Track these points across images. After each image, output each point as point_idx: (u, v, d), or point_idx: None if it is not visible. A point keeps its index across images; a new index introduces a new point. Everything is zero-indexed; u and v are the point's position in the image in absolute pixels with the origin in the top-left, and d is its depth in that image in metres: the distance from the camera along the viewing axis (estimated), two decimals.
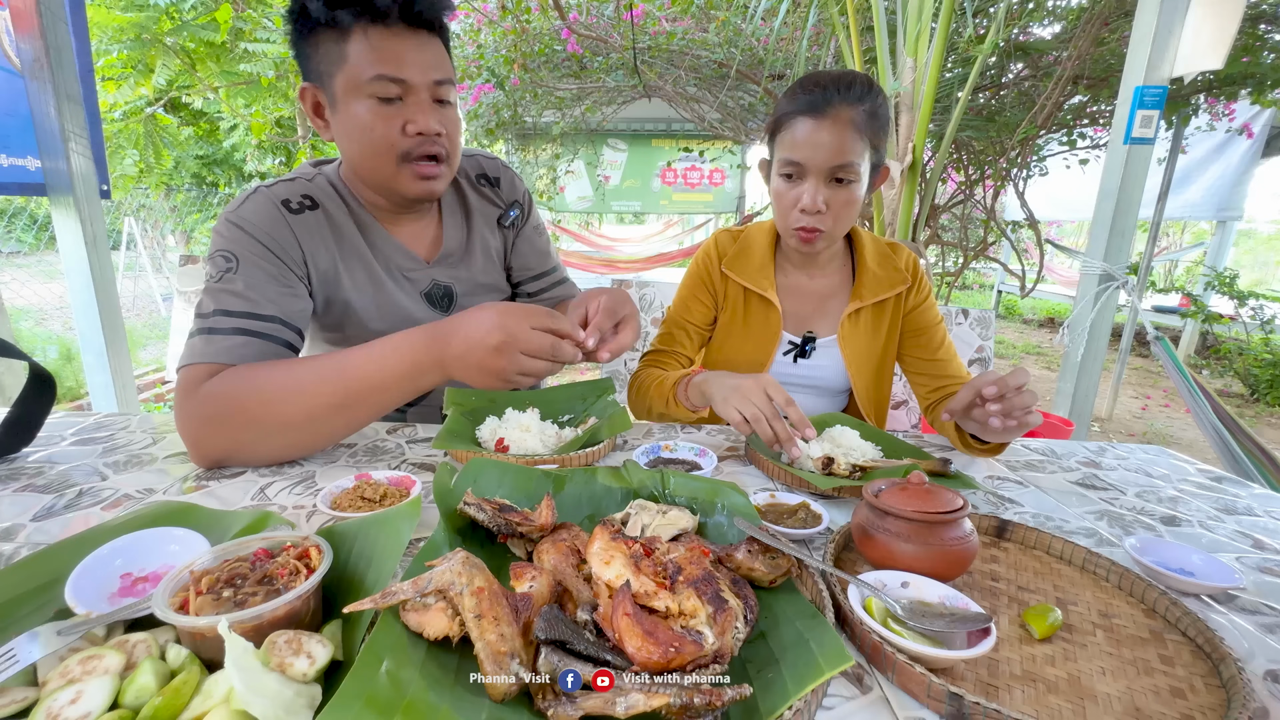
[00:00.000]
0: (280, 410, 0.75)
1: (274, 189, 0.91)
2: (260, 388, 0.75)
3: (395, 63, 0.81)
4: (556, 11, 3.25)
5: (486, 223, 1.09)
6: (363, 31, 0.80)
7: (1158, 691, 0.47)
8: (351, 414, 0.79)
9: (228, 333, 0.79)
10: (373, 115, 0.83)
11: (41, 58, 1.54)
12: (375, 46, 0.80)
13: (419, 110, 0.84)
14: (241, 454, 0.78)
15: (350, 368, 0.76)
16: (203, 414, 0.76)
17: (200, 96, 5.02)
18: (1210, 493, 0.88)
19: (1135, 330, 4.46)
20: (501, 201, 1.11)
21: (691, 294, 1.19)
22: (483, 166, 1.11)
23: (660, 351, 1.18)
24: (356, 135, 0.85)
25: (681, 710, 0.37)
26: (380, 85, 0.81)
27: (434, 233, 1.04)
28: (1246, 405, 4.47)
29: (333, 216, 0.94)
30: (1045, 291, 7.17)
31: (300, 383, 0.76)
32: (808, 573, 0.55)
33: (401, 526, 0.51)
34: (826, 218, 0.98)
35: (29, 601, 0.46)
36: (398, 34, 0.81)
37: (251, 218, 0.86)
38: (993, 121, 3.27)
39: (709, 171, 7.21)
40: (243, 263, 0.83)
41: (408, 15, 0.80)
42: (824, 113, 0.93)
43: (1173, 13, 1.79)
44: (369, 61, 0.80)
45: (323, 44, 0.82)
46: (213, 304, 0.81)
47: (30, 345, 4.20)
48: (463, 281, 1.06)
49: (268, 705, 0.35)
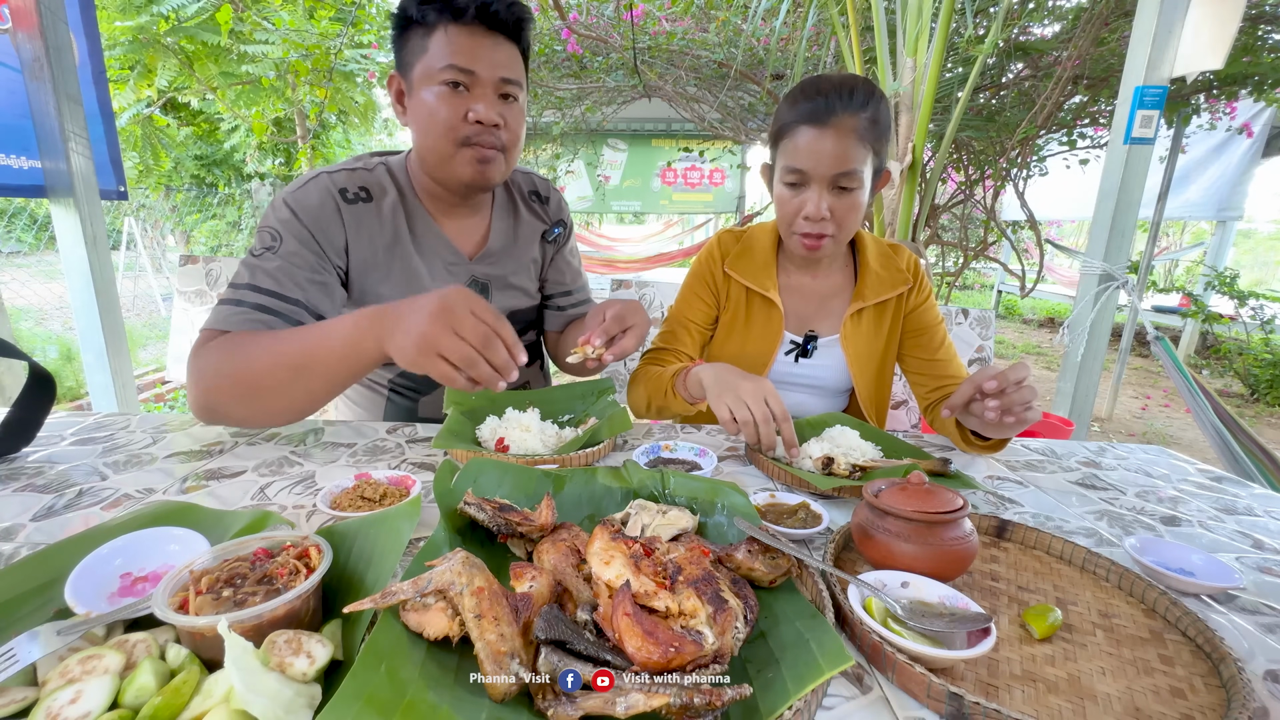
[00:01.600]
0: (251, 370, 0.79)
1: (335, 176, 0.97)
2: (242, 348, 0.80)
3: (466, 55, 0.88)
4: (556, 11, 3.25)
5: (532, 234, 1.14)
6: (444, 28, 0.88)
7: (1158, 691, 0.47)
8: (309, 377, 0.79)
9: (250, 307, 0.85)
10: (439, 100, 0.89)
11: (41, 58, 1.54)
12: (452, 40, 0.88)
13: (483, 100, 0.90)
14: (226, 412, 0.82)
15: (308, 332, 0.80)
16: (203, 371, 0.81)
17: (197, 97, 5.02)
18: (1210, 493, 0.88)
19: (1135, 330, 4.47)
20: (548, 219, 1.17)
21: (693, 293, 1.19)
22: (535, 184, 1.17)
23: (661, 350, 1.18)
24: (424, 117, 0.91)
25: (681, 710, 0.37)
26: (450, 73, 0.88)
27: (482, 231, 1.09)
28: (1246, 405, 4.46)
29: (383, 211, 0.99)
30: (1045, 291, 7.17)
31: (267, 345, 0.79)
32: (808, 573, 0.55)
33: (401, 526, 0.52)
34: (830, 224, 0.99)
35: (29, 601, 0.46)
36: (474, 33, 0.88)
37: (305, 202, 0.92)
38: (993, 121, 3.27)
39: (709, 171, 7.22)
40: (285, 244, 0.89)
41: (484, 16, 0.88)
42: (826, 122, 0.93)
43: (1173, 13, 1.79)
44: (444, 53, 0.88)
45: (413, 38, 0.90)
46: (248, 276, 0.87)
47: (30, 345, 4.20)
48: (498, 279, 1.09)
49: (268, 705, 0.35)
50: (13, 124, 1.59)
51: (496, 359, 0.70)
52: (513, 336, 0.72)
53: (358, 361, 0.77)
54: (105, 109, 1.80)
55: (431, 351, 0.68)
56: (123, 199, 1.86)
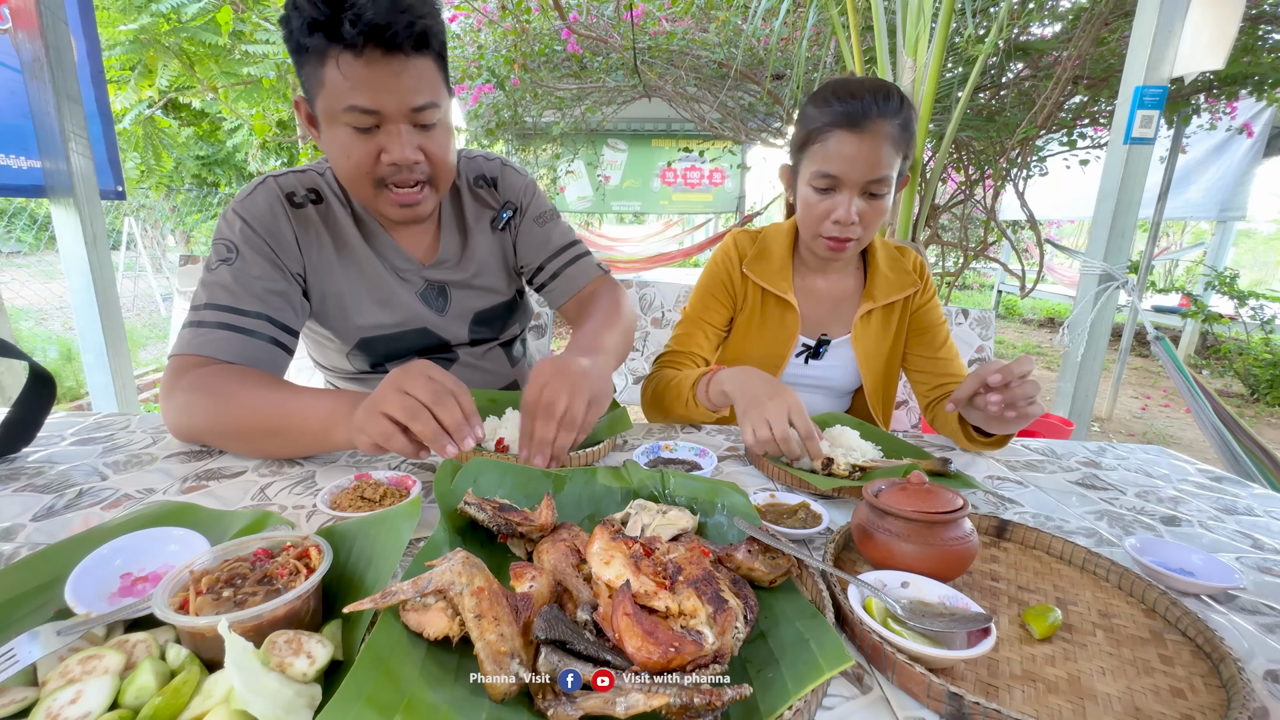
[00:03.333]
0: (230, 419, 0.79)
1: (281, 180, 0.93)
2: (226, 392, 0.79)
3: (368, 92, 0.77)
4: (556, 11, 3.25)
5: (483, 227, 1.08)
6: (335, 59, 0.76)
7: (1158, 691, 0.47)
8: (281, 442, 0.80)
9: (213, 327, 0.83)
10: (350, 141, 0.82)
11: (41, 58, 1.54)
12: (348, 75, 0.76)
13: (394, 140, 0.82)
14: (205, 441, 0.85)
15: (287, 403, 0.78)
16: (178, 404, 0.81)
17: (199, 97, 5.02)
18: (1210, 493, 0.88)
19: (1135, 330, 4.46)
20: (496, 203, 1.09)
21: (710, 294, 1.18)
22: (481, 168, 1.09)
23: (676, 352, 1.16)
24: (336, 156, 0.84)
25: (681, 710, 0.37)
26: (353, 116, 0.79)
27: (432, 235, 1.05)
28: (1246, 405, 4.46)
29: (334, 212, 0.96)
30: (1045, 291, 7.16)
31: (250, 400, 0.79)
32: (808, 573, 0.55)
33: (401, 526, 0.51)
34: (857, 228, 0.99)
35: (29, 601, 0.46)
36: (372, 61, 0.76)
37: (254, 210, 0.89)
38: (993, 121, 3.27)
39: (709, 171, 7.21)
40: (240, 256, 0.87)
41: (381, 39, 0.75)
42: (862, 127, 0.93)
43: (1173, 13, 1.79)
44: (342, 90, 0.77)
45: (306, 64, 0.79)
46: (205, 296, 0.85)
47: (30, 345, 4.20)
48: (457, 283, 1.07)
49: (268, 705, 0.35)
50: (13, 124, 1.60)
51: (446, 417, 0.64)
52: (471, 406, 0.66)
53: (328, 443, 0.76)
54: (103, 109, 1.80)
55: (375, 411, 0.65)
56: (121, 199, 1.86)
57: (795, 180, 1.06)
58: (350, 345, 1.02)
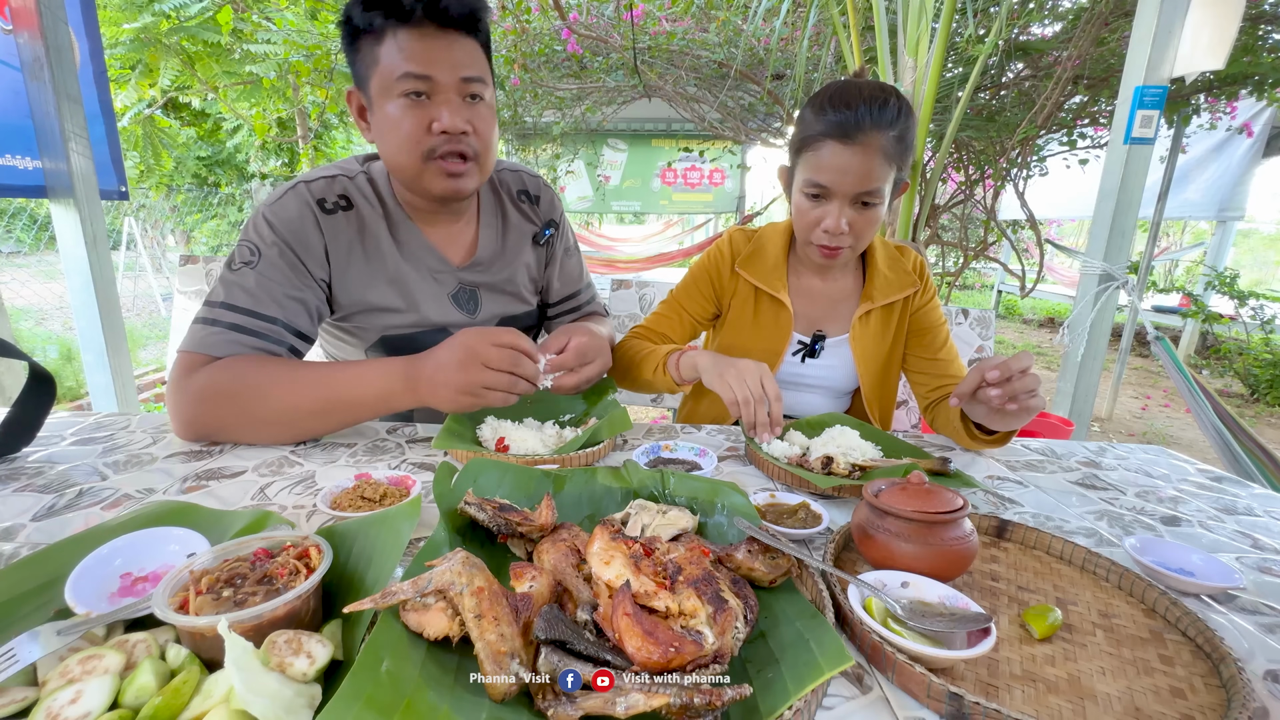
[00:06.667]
0: (267, 405, 0.82)
1: (312, 185, 0.94)
2: (254, 382, 0.82)
3: (421, 60, 0.83)
4: (556, 11, 3.25)
5: (523, 238, 1.11)
6: (393, 34, 0.83)
7: (1158, 691, 0.47)
8: (326, 420, 0.85)
9: (225, 327, 0.84)
10: (401, 112, 0.85)
11: (42, 58, 1.54)
12: (403, 47, 0.82)
13: (445, 107, 0.85)
14: (225, 435, 0.85)
15: (334, 381, 0.82)
16: (199, 394, 0.81)
17: (199, 96, 5.03)
18: (1210, 493, 0.88)
19: (1135, 330, 4.46)
20: (539, 220, 1.13)
21: (696, 286, 1.20)
22: (525, 183, 1.13)
23: (649, 330, 1.19)
24: (387, 133, 0.87)
25: (681, 710, 0.37)
26: (407, 82, 0.83)
27: (470, 238, 1.06)
28: (1246, 405, 4.46)
29: (365, 217, 0.96)
30: (1045, 291, 7.16)
31: (288, 385, 0.82)
32: (808, 573, 0.55)
33: (401, 526, 0.52)
34: (848, 237, 0.99)
35: (29, 601, 0.46)
36: (426, 34, 0.83)
37: (284, 214, 0.90)
38: (993, 121, 3.27)
39: (709, 171, 7.21)
40: (263, 260, 0.88)
41: (434, 14, 0.82)
42: (854, 138, 0.91)
43: (1173, 13, 1.79)
44: (397, 61, 0.83)
45: (363, 49, 0.85)
46: (223, 294, 0.86)
47: (30, 345, 4.20)
48: (489, 286, 1.07)
49: (268, 705, 0.35)
50: (13, 124, 1.59)
51: (527, 371, 0.79)
52: (529, 344, 0.80)
53: (387, 410, 0.84)
54: (106, 109, 1.80)
55: (475, 392, 0.77)
56: (123, 199, 1.86)
57: (792, 182, 1.06)
58: (369, 343, 1.03)
